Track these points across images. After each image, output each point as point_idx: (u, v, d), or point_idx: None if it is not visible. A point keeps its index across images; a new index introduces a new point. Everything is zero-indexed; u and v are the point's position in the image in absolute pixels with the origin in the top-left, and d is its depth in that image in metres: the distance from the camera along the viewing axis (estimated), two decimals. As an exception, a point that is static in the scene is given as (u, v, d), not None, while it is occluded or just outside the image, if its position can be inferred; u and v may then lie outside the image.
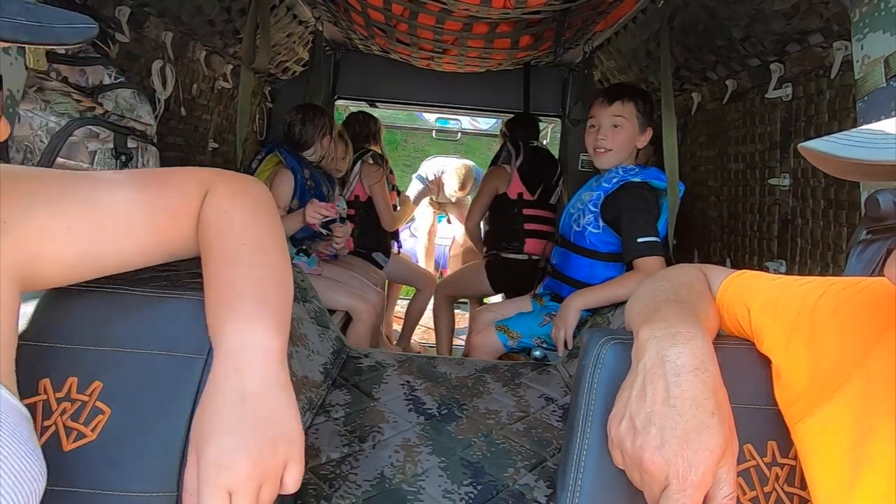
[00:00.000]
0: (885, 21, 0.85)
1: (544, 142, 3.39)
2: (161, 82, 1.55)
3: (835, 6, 1.09)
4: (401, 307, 3.44)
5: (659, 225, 1.64)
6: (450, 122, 4.35)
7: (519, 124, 2.69)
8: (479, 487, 1.03)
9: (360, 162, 2.64)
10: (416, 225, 4.14)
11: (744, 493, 0.56)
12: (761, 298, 0.59)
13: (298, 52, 2.45)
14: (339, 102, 2.94)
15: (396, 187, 2.96)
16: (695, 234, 1.94)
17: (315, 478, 1.02)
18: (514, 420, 1.29)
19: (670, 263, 1.56)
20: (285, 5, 2.06)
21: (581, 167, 2.68)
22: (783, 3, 1.21)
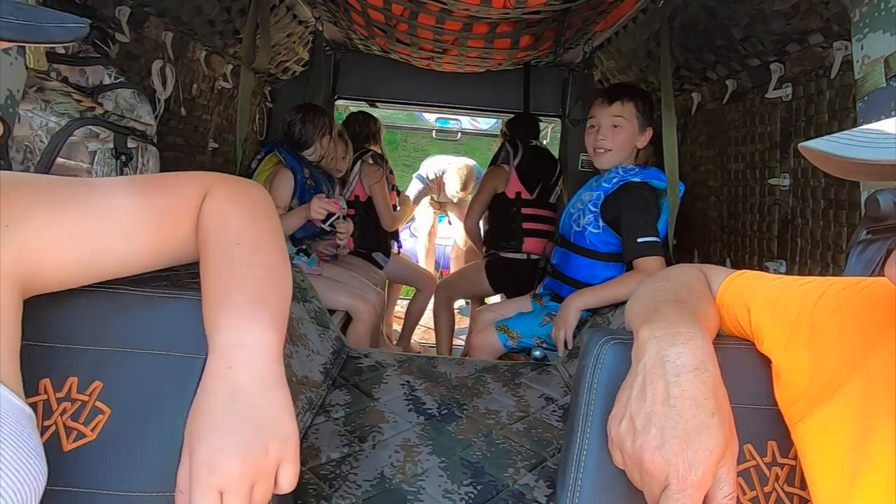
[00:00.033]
0: (885, 21, 0.85)
1: (544, 142, 3.39)
2: (161, 82, 1.55)
3: (835, 6, 1.09)
4: (401, 307, 3.44)
5: (659, 225, 1.64)
6: (450, 122, 4.35)
7: (519, 124, 2.69)
8: (479, 487, 1.03)
9: (360, 162, 2.64)
10: (416, 225, 4.13)
11: (744, 493, 0.56)
12: (761, 298, 0.59)
13: (298, 52, 2.45)
14: (339, 102, 2.94)
15: (396, 187, 2.96)
16: (695, 234, 1.94)
17: (315, 478, 1.02)
18: (514, 420, 1.29)
19: (670, 263, 1.56)
20: (285, 5, 2.06)
21: (581, 167, 2.68)
22: (783, 3, 1.21)
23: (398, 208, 2.85)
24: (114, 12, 1.32)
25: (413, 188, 3.88)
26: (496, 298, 2.90)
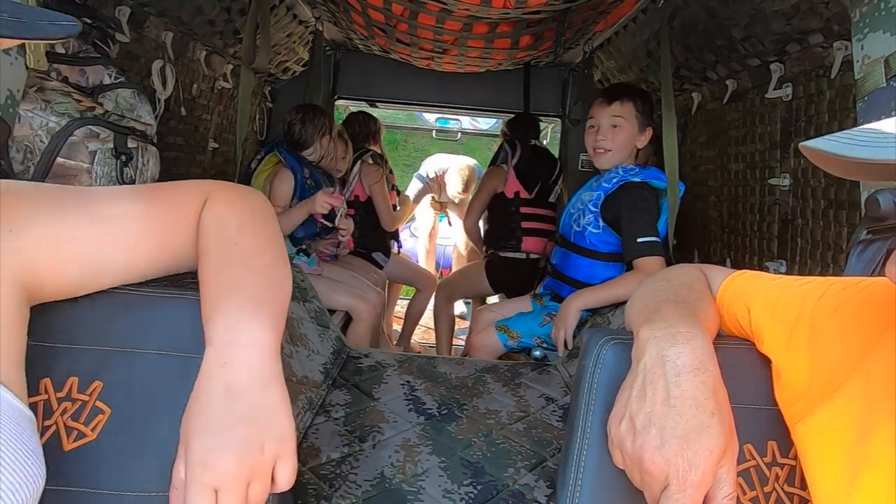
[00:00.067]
0: (885, 21, 0.85)
1: (544, 142, 3.39)
2: (161, 82, 1.55)
3: (835, 6, 1.09)
4: (401, 307, 3.44)
5: (659, 225, 1.64)
6: (450, 122, 4.35)
7: (519, 124, 2.70)
8: (479, 487, 1.03)
9: (360, 162, 2.64)
10: (416, 225, 4.13)
11: (744, 493, 0.56)
12: (761, 298, 0.59)
13: (298, 52, 2.45)
14: (339, 102, 2.94)
15: (396, 187, 2.96)
16: (695, 234, 1.94)
17: (315, 478, 1.02)
18: (514, 420, 1.29)
19: (670, 263, 1.56)
20: (285, 5, 2.06)
21: (581, 167, 2.68)
22: (783, 3, 1.21)
23: (398, 208, 2.85)
24: (114, 12, 1.32)
25: (413, 187, 3.88)
26: (496, 298, 2.90)
